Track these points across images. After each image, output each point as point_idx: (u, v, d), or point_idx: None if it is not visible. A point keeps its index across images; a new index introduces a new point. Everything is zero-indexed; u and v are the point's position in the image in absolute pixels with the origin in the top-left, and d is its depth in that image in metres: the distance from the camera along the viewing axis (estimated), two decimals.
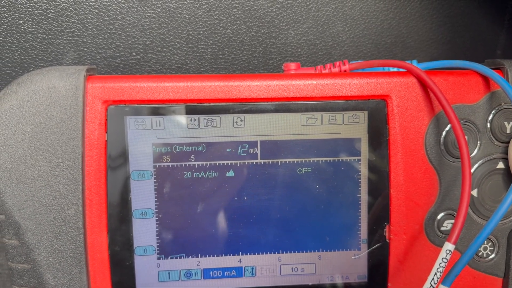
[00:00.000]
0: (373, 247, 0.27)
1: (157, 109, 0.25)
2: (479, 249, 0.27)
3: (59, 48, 0.32)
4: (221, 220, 0.26)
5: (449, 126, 0.26)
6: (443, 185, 0.27)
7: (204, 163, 0.26)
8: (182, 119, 0.26)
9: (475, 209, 0.27)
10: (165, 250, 0.26)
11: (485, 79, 0.27)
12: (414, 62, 0.29)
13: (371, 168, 0.27)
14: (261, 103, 0.26)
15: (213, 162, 0.26)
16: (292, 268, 0.27)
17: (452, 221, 0.27)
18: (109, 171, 0.25)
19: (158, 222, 0.26)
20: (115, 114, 0.25)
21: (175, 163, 0.26)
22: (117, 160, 0.25)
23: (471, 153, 0.27)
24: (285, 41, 0.34)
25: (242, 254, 0.27)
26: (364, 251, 0.27)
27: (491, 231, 0.23)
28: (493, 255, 0.27)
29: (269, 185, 0.26)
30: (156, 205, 0.26)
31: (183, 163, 0.26)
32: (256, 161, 0.26)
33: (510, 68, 0.26)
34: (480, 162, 0.27)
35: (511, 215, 0.27)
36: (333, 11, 0.34)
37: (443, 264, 0.23)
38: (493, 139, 0.27)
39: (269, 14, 0.34)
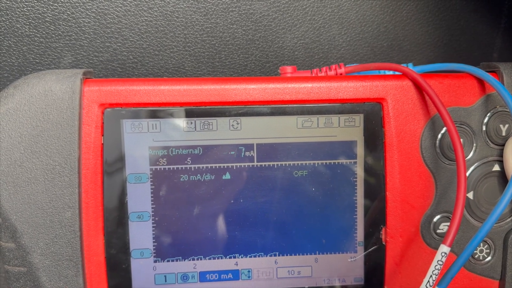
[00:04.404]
0: (370, 250, 0.27)
1: (154, 112, 0.25)
2: (475, 251, 0.27)
3: (56, 52, 0.32)
4: (218, 223, 0.26)
5: (444, 129, 0.26)
6: (439, 188, 0.27)
7: (201, 166, 0.26)
8: (179, 122, 0.26)
9: (471, 212, 0.27)
10: (162, 253, 0.26)
11: (480, 82, 0.27)
12: (410, 65, 0.29)
13: (367, 170, 0.27)
14: (258, 106, 0.26)
15: (209, 165, 0.26)
16: (289, 271, 0.27)
17: (448, 223, 0.27)
18: (106, 174, 0.25)
19: (155, 225, 0.26)
20: (112, 117, 0.25)
21: (171, 166, 0.26)
22: (114, 163, 0.25)
23: (467, 156, 0.27)
24: (281, 45, 0.34)
25: (238, 257, 0.27)
26: (360, 254, 0.27)
27: (486, 233, 0.23)
28: (489, 258, 0.27)
29: (265, 188, 0.26)
30: (152, 208, 0.26)
31: (180, 166, 0.26)
32: (253, 164, 0.26)
33: (505, 71, 0.27)
34: (475, 164, 0.27)
35: (506, 218, 0.27)
36: (330, 15, 0.34)
37: (438, 267, 0.23)
38: (489, 141, 0.27)
39: (266, 18, 0.34)
